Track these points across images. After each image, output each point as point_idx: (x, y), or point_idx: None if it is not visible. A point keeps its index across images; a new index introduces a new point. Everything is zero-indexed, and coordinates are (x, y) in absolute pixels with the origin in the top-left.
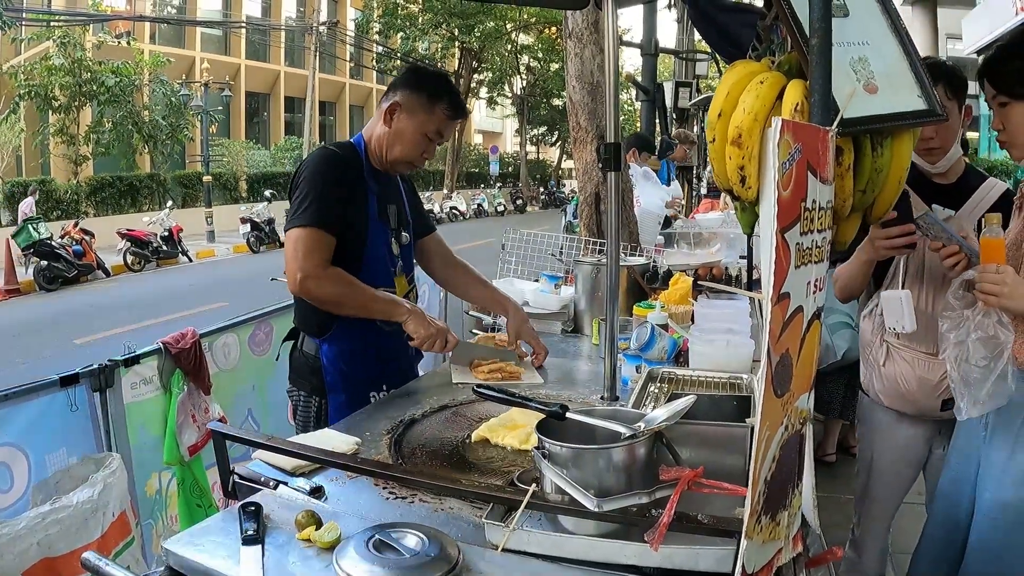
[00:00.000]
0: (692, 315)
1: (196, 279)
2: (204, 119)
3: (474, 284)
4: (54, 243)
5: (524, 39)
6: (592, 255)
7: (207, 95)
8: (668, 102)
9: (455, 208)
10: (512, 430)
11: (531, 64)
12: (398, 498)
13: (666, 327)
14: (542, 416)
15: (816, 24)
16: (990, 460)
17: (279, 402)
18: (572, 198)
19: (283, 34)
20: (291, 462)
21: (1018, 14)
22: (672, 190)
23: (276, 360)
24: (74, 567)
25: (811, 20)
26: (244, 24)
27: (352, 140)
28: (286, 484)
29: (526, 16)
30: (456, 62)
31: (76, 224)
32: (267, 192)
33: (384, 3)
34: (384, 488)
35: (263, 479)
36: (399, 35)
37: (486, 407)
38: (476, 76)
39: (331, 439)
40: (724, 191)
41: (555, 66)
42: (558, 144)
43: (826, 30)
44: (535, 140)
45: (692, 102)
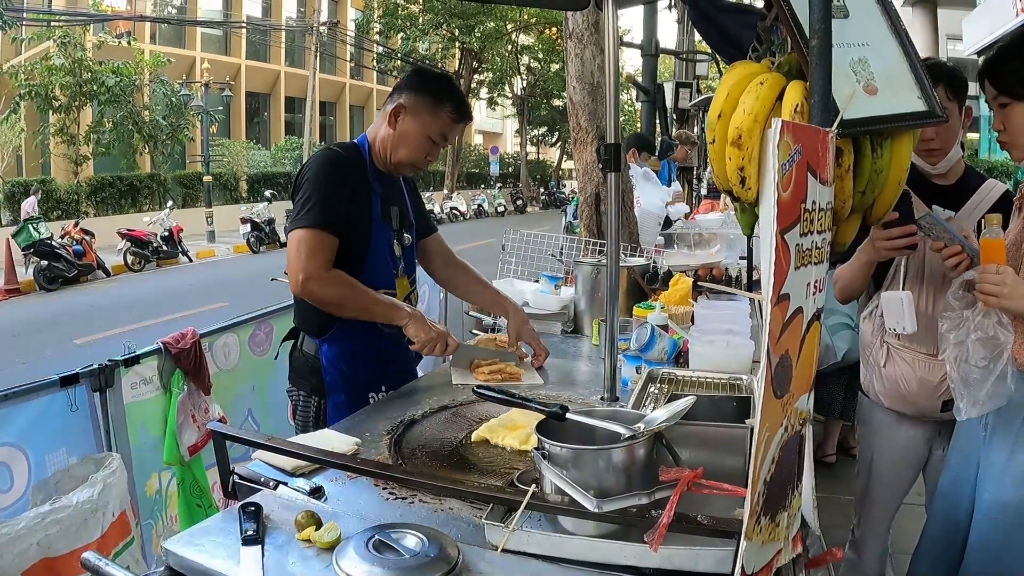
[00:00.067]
0: (692, 316)
1: (196, 279)
2: (204, 119)
3: (475, 285)
4: (54, 243)
5: (524, 39)
6: (592, 256)
7: (207, 95)
8: (668, 103)
9: (455, 208)
10: (512, 431)
11: (531, 64)
12: (398, 498)
13: (666, 328)
14: (542, 417)
15: (816, 25)
16: (990, 460)
17: (279, 402)
18: (572, 199)
19: (283, 34)
20: (291, 462)
21: (1018, 15)
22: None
23: (276, 360)
24: (74, 567)
25: (811, 21)
26: (244, 24)
27: (356, 141)
28: (286, 484)
29: (526, 17)
30: (456, 62)
31: (76, 224)
32: (267, 192)
33: (384, 3)
34: (384, 488)
35: (263, 479)
36: (399, 35)
37: (486, 408)
38: (476, 76)
39: (331, 439)
40: (724, 192)
41: (555, 66)
42: (558, 144)
43: (826, 31)
44: (535, 140)
45: (692, 103)
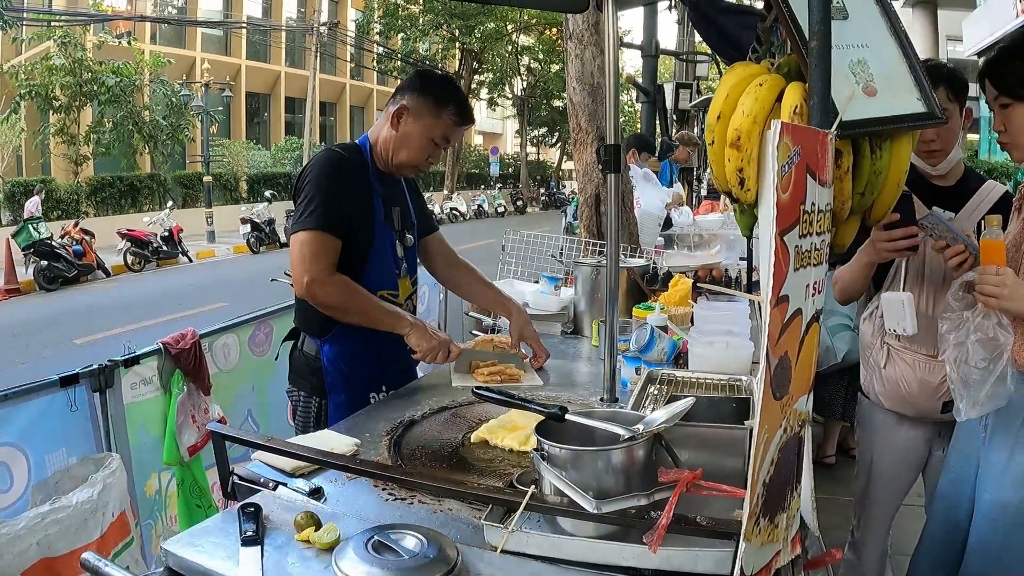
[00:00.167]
0: (692, 317)
1: (196, 279)
2: (204, 119)
3: (477, 284)
4: (54, 243)
5: (525, 40)
6: (592, 256)
7: (207, 95)
8: (668, 103)
9: (455, 209)
10: (511, 431)
11: (531, 65)
12: (397, 499)
13: (666, 329)
14: (541, 418)
15: (815, 26)
16: (990, 461)
17: (279, 403)
18: (572, 199)
19: (284, 35)
20: (290, 463)
21: (1019, 16)
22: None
23: (276, 360)
24: (73, 567)
25: (810, 22)
26: (245, 24)
27: (357, 142)
28: (285, 485)
29: (527, 17)
30: (457, 63)
31: (76, 224)
32: (267, 192)
33: (385, 4)
34: (383, 489)
35: (262, 480)
36: (400, 36)
37: (485, 408)
38: (477, 77)
39: (330, 440)
40: (723, 193)
41: (555, 67)
42: (558, 145)
43: (825, 32)
44: (535, 141)
45: (692, 103)
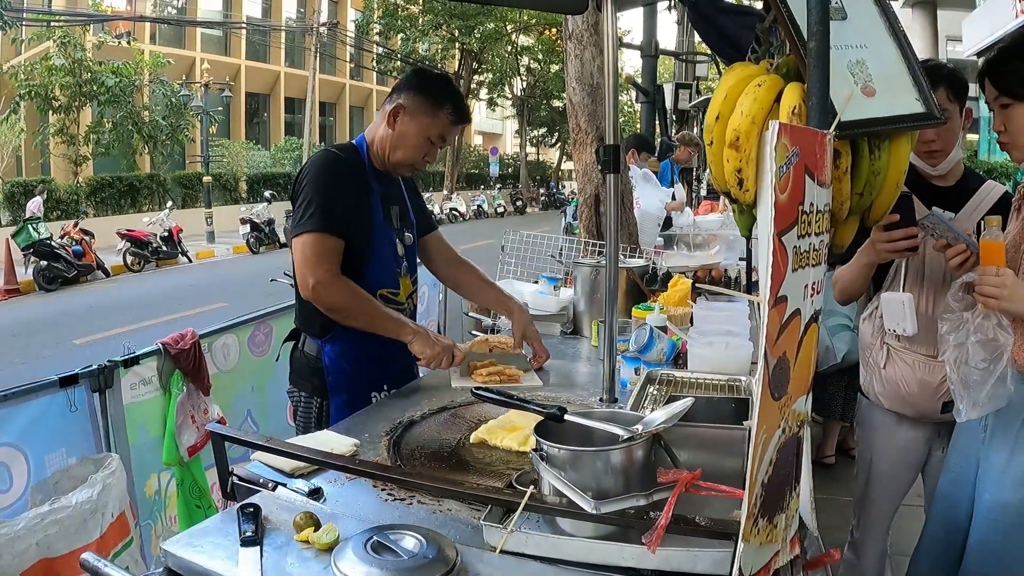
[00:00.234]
0: (691, 317)
1: (196, 280)
2: (204, 119)
3: (478, 283)
4: (54, 243)
5: (524, 40)
6: (591, 257)
7: (207, 96)
8: (668, 104)
9: (455, 209)
10: (511, 432)
11: (531, 65)
12: (396, 500)
13: (665, 329)
14: (540, 418)
15: (814, 27)
16: (989, 461)
17: (278, 403)
18: (572, 200)
19: (283, 35)
20: (290, 463)
21: (1018, 16)
22: (674, 192)
23: (276, 361)
24: (73, 568)
25: (809, 23)
26: (244, 25)
27: (354, 142)
28: (285, 485)
29: (526, 18)
30: (456, 63)
31: (76, 224)
32: (267, 193)
33: (384, 4)
34: (383, 490)
35: (262, 480)
36: (399, 36)
37: (485, 409)
38: (476, 77)
39: (330, 440)
40: (722, 194)
41: (555, 68)
42: (558, 145)
43: (824, 33)
44: (535, 141)
45: (692, 104)
